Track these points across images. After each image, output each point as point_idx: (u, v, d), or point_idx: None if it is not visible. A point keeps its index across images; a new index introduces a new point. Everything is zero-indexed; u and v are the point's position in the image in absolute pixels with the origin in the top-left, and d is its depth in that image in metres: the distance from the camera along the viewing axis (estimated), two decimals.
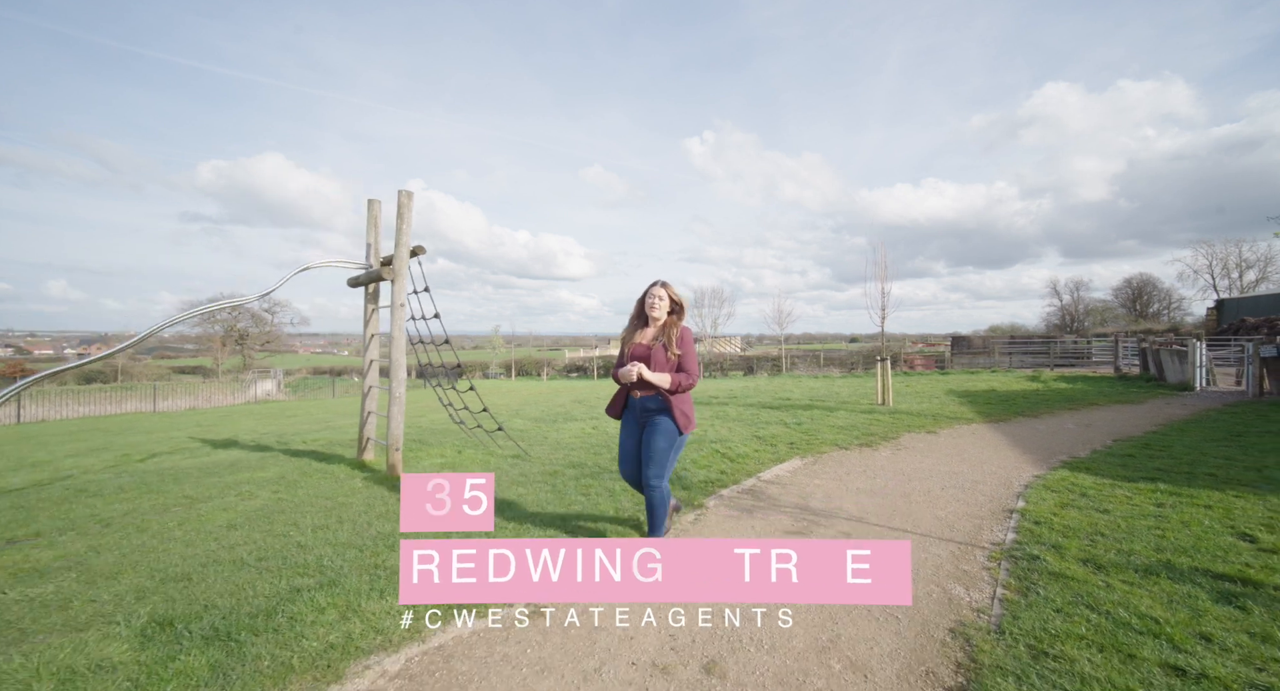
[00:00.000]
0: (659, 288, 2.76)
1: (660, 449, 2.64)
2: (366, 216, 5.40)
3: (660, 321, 2.74)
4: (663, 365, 2.65)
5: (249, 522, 3.53)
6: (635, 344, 2.73)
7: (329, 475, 4.88)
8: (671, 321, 2.74)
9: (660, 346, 2.67)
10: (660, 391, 2.66)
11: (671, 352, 2.65)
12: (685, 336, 2.72)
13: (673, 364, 2.66)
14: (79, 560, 2.92)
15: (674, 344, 2.66)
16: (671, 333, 2.68)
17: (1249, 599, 2.32)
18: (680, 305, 2.77)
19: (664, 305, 2.72)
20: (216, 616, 2.22)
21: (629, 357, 2.70)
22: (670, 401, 2.66)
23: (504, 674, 1.94)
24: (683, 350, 2.68)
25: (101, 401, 18.85)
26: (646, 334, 2.76)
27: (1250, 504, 3.61)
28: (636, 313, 2.83)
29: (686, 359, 2.68)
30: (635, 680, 1.90)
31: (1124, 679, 1.79)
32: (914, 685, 1.85)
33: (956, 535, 3.25)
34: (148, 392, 21.52)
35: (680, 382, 2.66)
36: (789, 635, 2.17)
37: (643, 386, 2.66)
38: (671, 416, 2.66)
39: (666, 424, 2.65)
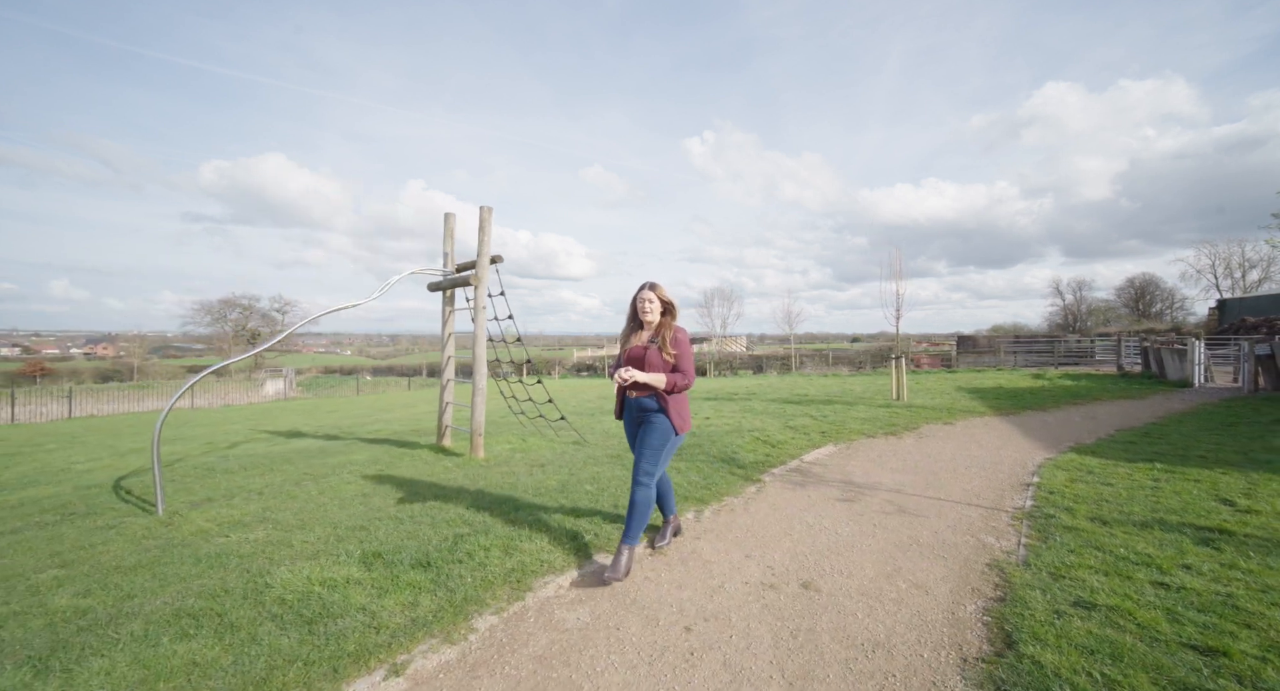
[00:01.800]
0: (648, 290, 2.77)
1: (653, 446, 2.66)
2: (443, 229, 6.03)
3: (654, 323, 2.77)
4: (658, 366, 2.68)
5: (378, 492, 4.15)
6: (632, 346, 2.77)
7: (417, 458, 5.50)
8: (665, 322, 2.76)
9: (655, 348, 2.70)
10: (656, 392, 2.69)
11: (666, 353, 2.68)
12: (680, 337, 2.74)
13: (668, 365, 2.69)
14: (263, 518, 3.55)
15: (668, 345, 2.69)
16: (665, 334, 2.71)
17: (1224, 542, 2.92)
18: (671, 306, 2.78)
19: (655, 307, 2.75)
20: (412, 550, 2.84)
21: (625, 360, 2.74)
22: (666, 401, 2.68)
23: (653, 586, 2.55)
24: (678, 351, 2.69)
25: (124, 399, 19.36)
26: (642, 336, 2.78)
27: (1233, 478, 4.21)
28: (631, 315, 2.85)
29: (682, 360, 2.69)
30: (751, 593, 2.51)
31: (1122, 589, 2.40)
32: (964, 597, 2.46)
33: (983, 502, 3.86)
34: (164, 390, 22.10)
35: (675, 383, 2.67)
36: (861, 565, 2.78)
37: (639, 387, 2.70)
38: (667, 416, 2.68)
39: (662, 423, 2.68)
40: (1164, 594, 2.36)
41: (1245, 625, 2.09)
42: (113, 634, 2.10)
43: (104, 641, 2.04)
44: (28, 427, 12.41)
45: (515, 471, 4.75)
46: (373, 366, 59.89)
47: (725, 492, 4.04)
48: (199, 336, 52.76)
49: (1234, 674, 1.80)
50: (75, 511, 3.86)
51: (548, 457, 5.31)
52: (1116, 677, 1.79)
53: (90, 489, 4.68)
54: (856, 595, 2.48)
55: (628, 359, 2.74)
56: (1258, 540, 2.94)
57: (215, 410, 17.38)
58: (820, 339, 75.48)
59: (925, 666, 1.94)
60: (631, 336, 2.81)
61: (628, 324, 2.87)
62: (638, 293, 2.80)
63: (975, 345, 26.19)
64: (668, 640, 2.13)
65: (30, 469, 6.11)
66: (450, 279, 5.77)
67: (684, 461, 4.94)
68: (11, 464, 6.53)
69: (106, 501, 4.15)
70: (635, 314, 2.80)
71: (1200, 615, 2.17)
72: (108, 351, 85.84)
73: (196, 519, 3.55)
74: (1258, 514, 3.36)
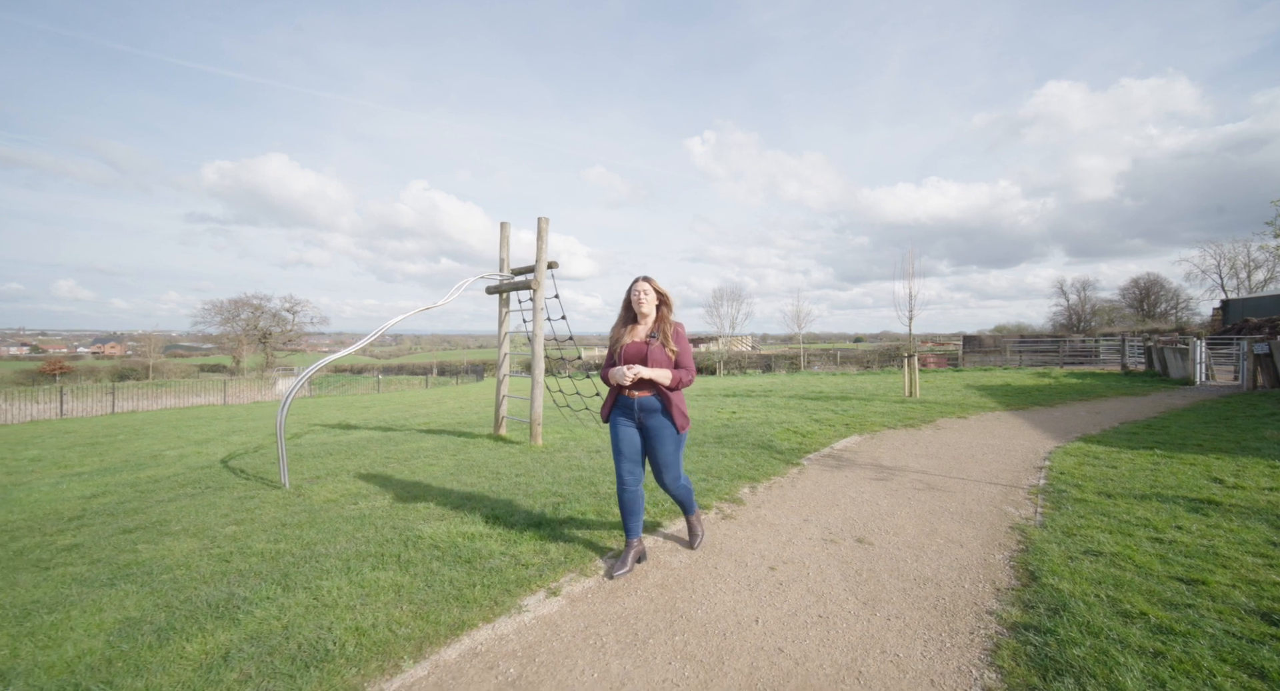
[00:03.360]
0: (643, 282, 2.67)
1: (669, 453, 2.63)
2: (499, 237, 6.57)
3: (650, 317, 2.67)
4: (661, 362, 2.58)
5: (464, 472, 4.68)
6: (628, 342, 2.64)
7: (479, 446, 6.04)
8: (663, 316, 2.67)
9: (658, 344, 2.59)
10: (660, 389, 2.59)
11: (670, 349, 2.58)
12: (680, 332, 2.67)
13: (670, 360, 2.59)
14: (378, 490, 4.09)
15: (670, 340, 2.59)
16: (665, 328, 2.62)
17: (1212, 510, 3.43)
18: (667, 298, 2.69)
19: (651, 299, 2.65)
20: (523, 514, 3.38)
21: (622, 357, 2.62)
22: (670, 400, 2.59)
23: (732, 541, 3.08)
24: (680, 346, 2.62)
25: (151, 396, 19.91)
26: (638, 331, 2.67)
27: (1225, 462, 4.72)
28: (625, 310, 2.73)
29: (684, 355, 2.61)
30: (816, 546, 3.03)
31: (1124, 542, 2.91)
32: (993, 549, 2.97)
33: (1001, 480, 4.38)
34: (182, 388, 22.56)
35: (680, 379, 2.59)
36: (903, 527, 3.30)
37: (640, 385, 2.59)
38: (671, 417, 2.60)
39: (668, 428, 2.60)
40: (1158, 545, 2.88)
41: (1222, 565, 2.60)
42: (321, 566, 2.64)
43: (318, 571, 2.59)
44: (79, 421, 13.02)
45: (576, 456, 5.28)
46: (383, 366, 60.70)
47: (771, 473, 4.57)
48: (209, 336, 53.54)
49: (1210, 595, 2.31)
50: (209, 486, 4.42)
51: (600, 445, 5.84)
52: (1118, 598, 2.31)
53: (200, 470, 5.24)
54: (903, 547, 3.00)
55: (626, 355, 2.61)
56: (1241, 509, 3.45)
57: (248, 406, 17.97)
58: (823, 339, 75.57)
59: (967, 593, 2.46)
60: (626, 332, 2.68)
61: (620, 319, 2.75)
62: (632, 285, 2.71)
63: (981, 345, 26.66)
64: (758, 575, 2.66)
65: (128, 454, 6.68)
66: (509, 282, 6.31)
67: (727, 448, 5.48)
68: (106, 451, 7.10)
69: (226, 479, 4.71)
70: (629, 307, 2.69)
71: (1187, 559, 2.69)
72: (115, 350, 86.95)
73: (320, 491, 4.11)
74: (1243, 489, 3.87)
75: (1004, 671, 1.86)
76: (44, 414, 14.49)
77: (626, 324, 2.71)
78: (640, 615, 2.29)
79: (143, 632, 2.08)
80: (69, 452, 7.03)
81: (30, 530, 3.47)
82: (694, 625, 2.21)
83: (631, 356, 2.61)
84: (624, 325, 2.72)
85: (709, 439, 6.00)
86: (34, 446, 7.77)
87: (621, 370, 2.53)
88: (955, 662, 1.94)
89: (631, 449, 2.67)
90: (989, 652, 1.98)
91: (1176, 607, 2.22)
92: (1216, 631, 2.02)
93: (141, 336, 61.23)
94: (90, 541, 3.15)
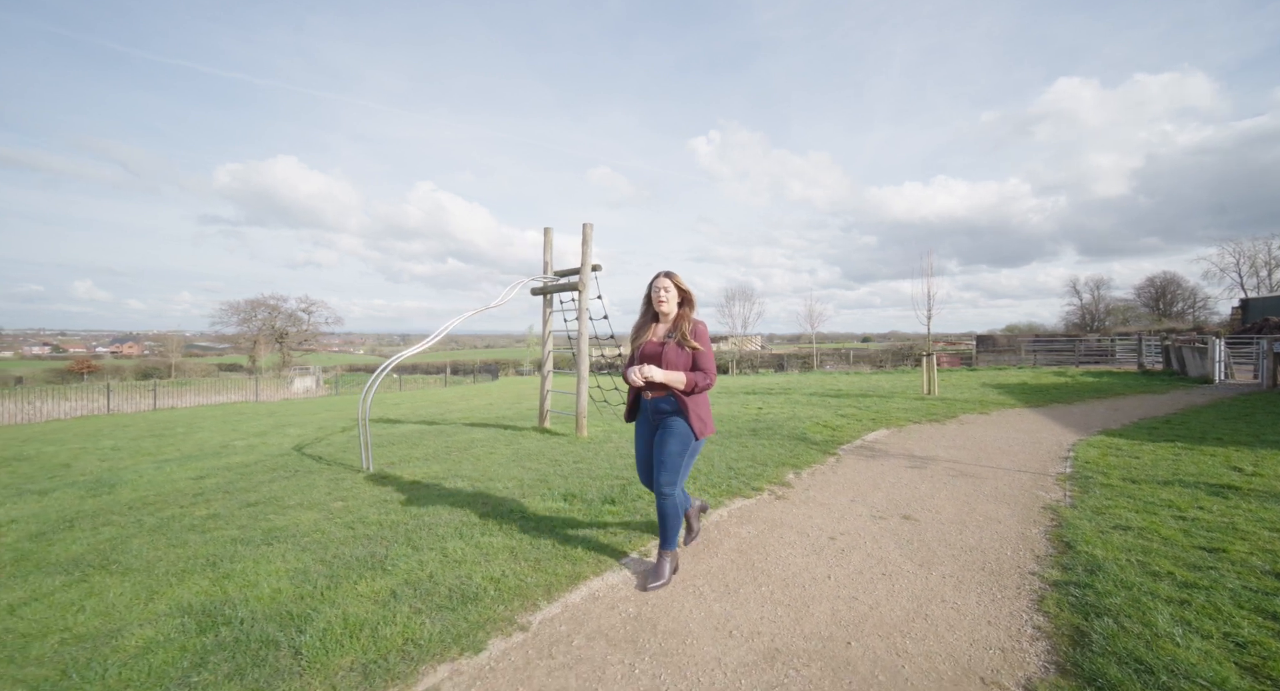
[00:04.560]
0: (664, 278, 2.55)
1: (673, 453, 2.44)
2: (543, 241, 6.95)
3: (670, 315, 2.54)
4: (677, 363, 2.45)
5: (523, 459, 5.06)
6: (646, 341, 2.53)
7: (528, 437, 6.42)
8: (684, 315, 2.53)
9: (674, 344, 2.47)
10: (674, 392, 2.45)
11: (689, 345, 2.46)
12: (700, 332, 2.51)
13: (688, 362, 2.46)
14: (452, 474, 4.47)
15: (689, 339, 2.46)
16: (684, 327, 2.49)
17: (1231, 493, 3.71)
18: (689, 296, 2.56)
19: (672, 296, 2.52)
20: (595, 493, 3.74)
21: (640, 357, 2.52)
22: (685, 403, 2.45)
23: (791, 517, 3.42)
24: (701, 346, 2.48)
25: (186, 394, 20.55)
26: (658, 330, 2.55)
27: (1244, 453, 4.97)
28: (645, 308, 2.62)
29: (703, 356, 2.47)
30: (867, 521, 3.36)
31: (1150, 519, 3.21)
32: (1029, 525, 3.28)
33: (1030, 469, 4.67)
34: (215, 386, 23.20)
35: (696, 382, 2.44)
36: (943, 507, 3.62)
37: (655, 387, 2.48)
38: (686, 419, 2.45)
39: (680, 427, 2.45)
40: (1182, 522, 3.17)
41: (1241, 538, 2.90)
42: (437, 533, 3.02)
43: (436, 536, 2.97)
44: (127, 417, 13.63)
45: (621, 446, 5.64)
46: (396, 365, 61.51)
47: (811, 461, 4.89)
48: (226, 336, 54.71)
49: (1229, 560, 2.62)
50: (296, 470, 4.84)
51: None
52: (1147, 561, 2.62)
53: (276, 457, 5.67)
54: (946, 523, 3.33)
55: (642, 355, 2.52)
56: (1259, 493, 3.73)
57: (277, 403, 18.57)
58: (830, 339, 75.17)
59: (1009, 559, 2.78)
60: (646, 331, 2.56)
61: (641, 317, 2.65)
62: (653, 281, 2.58)
63: (995, 344, 26.69)
64: (820, 543, 3.00)
65: (196, 444, 7.15)
66: (554, 284, 6.69)
67: (764, 440, 5.80)
68: (174, 442, 7.59)
69: (308, 465, 5.13)
70: (650, 305, 2.58)
71: (1208, 533, 2.99)
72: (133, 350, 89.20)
73: (402, 474, 4.50)
74: (1262, 477, 4.14)
75: (1050, 615, 2.19)
76: (92, 410, 15.14)
77: (647, 323, 2.59)
78: (726, 571, 2.64)
79: (316, 579, 2.47)
80: (141, 443, 7.52)
81: (165, 503, 3.90)
82: (774, 579, 2.56)
83: (647, 357, 2.50)
84: (644, 324, 2.60)
85: (744, 431, 6.33)
86: (106, 438, 8.28)
87: (634, 370, 2.43)
88: (1007, 609, 2.27)
89: (642, 456, 2.60)
90: (1035, 602, 2.31)
91: (1199, 569, 2.53)
92: (1235, 586, 2.33)
93: (159, 336, 62.68)
94: (225, 512, 3.56)
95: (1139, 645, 1.91)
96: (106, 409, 15.27)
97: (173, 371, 50.50)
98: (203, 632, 2.05)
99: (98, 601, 2.33)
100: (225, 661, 1.87)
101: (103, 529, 3.34)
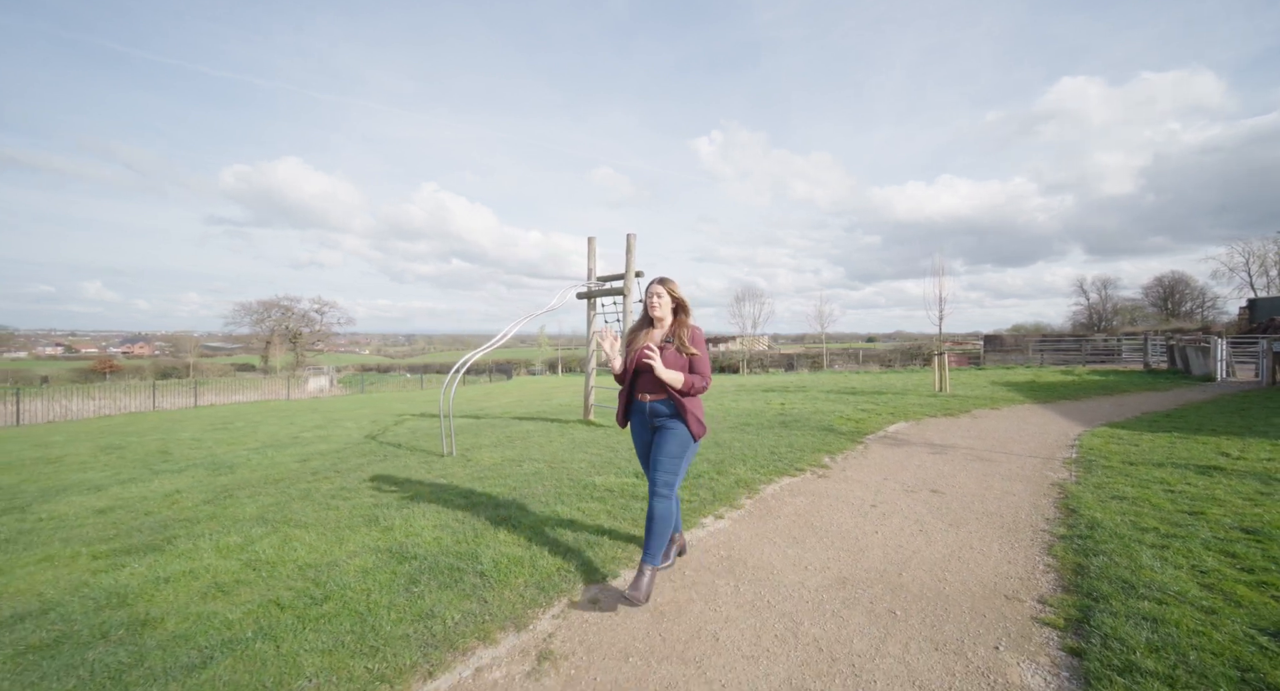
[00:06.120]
0: (658, 286, 2.60)
1: (671, 454, 2.49)
2: (587, 249, 7.57)
3: (666, 321, 2.60)
4: (673, 367, 2.50)
5: (579, 447, 5.65)
6: (643, 346, 2.54)
7: (576, 428, 7.02)
8: (680, 321, 2.60)
9: (672, 349, 2.51)
10: (671, 393, 2.50)
11: (686, 351, 2.50)
12: (697, 336, 2.57)
13: (684, 366, 2.51)
14: (523, 457, 5.08)
15: (686, 343, 2.51)
16: (681, 332, 2.54)
17: (1218, 473, 4.26)
18: (684, 304, 2.61)
19: (665, 303, 2.57)
20: None
21: (634, 362, 2.56)
22: (683, 405, 2.50)
23: (832, 490, 4.00)
24: (697, 350, 2.52)
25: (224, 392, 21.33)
26: (653, 335, 2.60)
27: (1232, 442, 5.51)
28: (643, 313, 2.68)
29: (699, 361, 2.52)
30: (900, 494, 3.94)
31: (1143, 492, 3.77)
32: (1039, 497, 3.84)
33: (1039, 455, 5.23)
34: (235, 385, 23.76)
35: (693, 384, 2.50)
36: (964, 483, 4.19)
37: (652, 389, 2.53)
38: (684, 421, 2.51)
39: (679, 429, 2.51)
40: (1171, 494, 3.73)
41: (1218, 505, 3.46)
42: (540, 499, 3.62)
43: (540, 502, 3.57)
44: (173, 413, 14.36)
45: None
46: (407, 365, 62.54)
47: (842, 448, 5.47)
48: (239, 336, 55.75)
49: (1205, 520, 3.17)
50: (384, 455, 5.46)
51: None
52: (1137, 520, 3.18)
53: (355, 445, 6.30)
54: (968, 495, 3.90)
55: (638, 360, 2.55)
56: (1241, 472, 4.28)
57: (308, 400, 19.30)
58: (835, 339, 75.54)
59: (1024, 520, 3.35)
60: (641, 335, 2.61)
61: (639, 321, 2.72)
62: (647, 288, 2.65)
63: (1002, 344, 27.13)
64: (863, 509, 3.58)
65: (268, 435, 7.80)
66: (600, 289, 7.29)
67: (794, 431, 6.38)
68: (244, 434, 8.25)
69: (390, 451, 5.76)
70: (646, 311, 2.66)
71: (1191, 501, 3.54)
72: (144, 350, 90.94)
73: (481, 458, 5.12)
74: (1246, 460, 4.68)
75: (1058, 557, 2.76)
76: (138, 407, 15.90)
77: (643, 327, 2.65)
78: (790, 529, 3.23)
79: (462, 531, 3.08)
80: (215, 435, 8.19)
81: (291, 480, 4.52)
82: (831, 535, 3.14)
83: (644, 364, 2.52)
84: (640, 328, 2.66)
85: (775, 424, 6.91)
86: (179, 431, 8.96)
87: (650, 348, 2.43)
88: (1023, 554, 2.84)
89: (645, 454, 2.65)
90: (1045, 548, 2.88)
91: (1180, 526, 3.09)
92: (1207, 537, 2.90)
93: (171, 336, 63.82)
94: (350, 485, 4.18)
95: (1125, 572, 2.48)
96: (152, 406, 16.02)
97: (190, 371, 51.53)
98: (400, 563, 2.66)
99: (300, 544, 2.95)
100: (431, 579, 2.48)
101: (259, 497, 3.96)
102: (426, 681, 1.83)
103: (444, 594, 2.34)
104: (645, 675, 1.88)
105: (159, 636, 2.06)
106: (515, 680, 1.85)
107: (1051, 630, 2.09)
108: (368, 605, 2.26)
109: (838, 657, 1.96)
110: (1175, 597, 2.24)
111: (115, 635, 2.08)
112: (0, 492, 4.43)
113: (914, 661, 1.93)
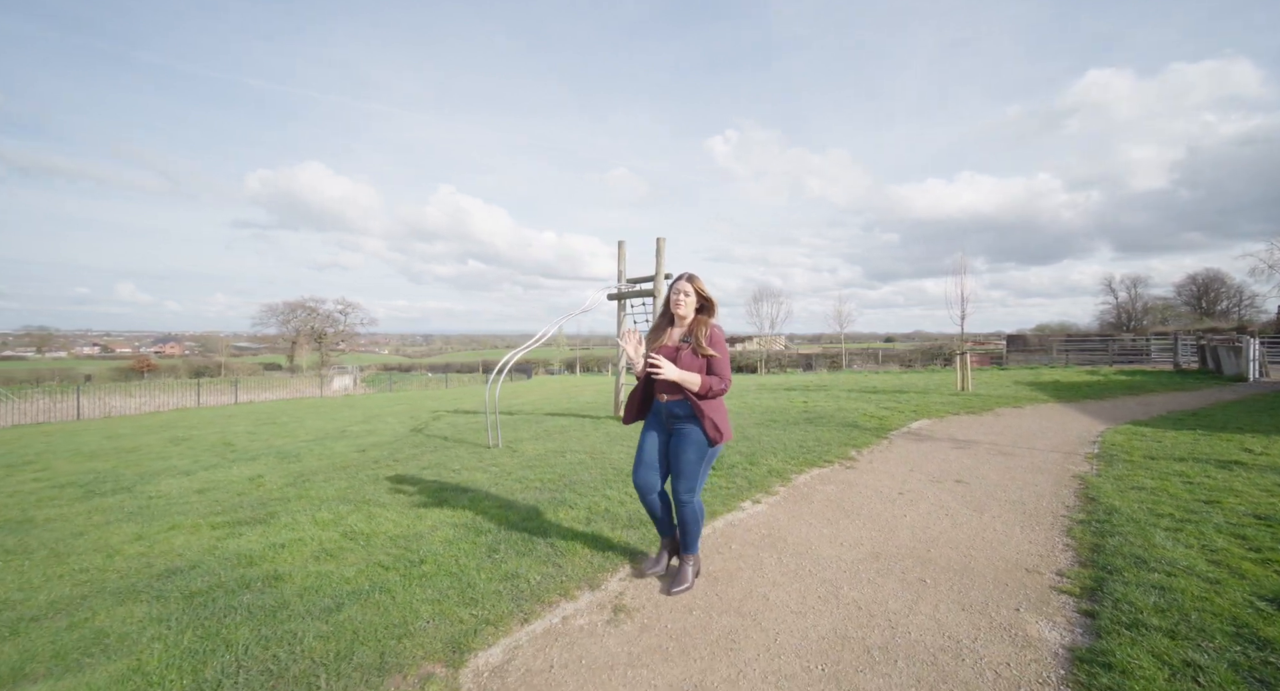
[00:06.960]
0: (684, 282, 2.51)
1: (690, 461, 2.44)
2: (617, 253, 7.90)
3: (687, 320, 2.52)
4: (690, 368, 2.42)
5: (616, 440, 5.98)
6: (660, 345, 2.50)
7: (609, 424, 7.35)
8: (700, 320, 2.50)
9: (689, 349, 2.43)
10: (688, 395, 2.42)
11: (703, 352, 2.41)
12: (716, 336, 2.47)
13: (702, 367, 2.42)
14: (566, 449, 5.42)
15: (704, 344, 2.41)
16: (700, 332, 2.44)
17: (1238, 467, 4.40)
18: (710, 302, 2.53)
19: (690, 301, 2.49)
20: None
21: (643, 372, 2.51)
22: (701, 408, 2.41)
23: (862, 480, 4.25)
24: (716, 351, 2.43)
25: (260, 389, 22.21)
26: (673, 334, 2.53)
27: (1257, 439, 5.59)
28: (663, 310, 2.60)
29: (718, 363, 2.44)
30: (926, 484, 4.17)
31: (1162, 483, 3.95)
32: (1061, 487, 4.04)
33: (1061, 450, 5.39)
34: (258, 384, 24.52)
35: (711, 386, 2.41)
36: (988, 475, 4.41)
37: (669, 389, 2.47)
38: (701, 426, 2.42)
39: (696, 434, 2.43)
40: (1189, 485, 3.91)
41: (1235, 495, 3.63)
42: (589, 484, 3.96)
43: (590, 487, 3.90)
44: (217, 409, 15.14)
45: None
46: (428, 364, 63.91)
47: (868, 442, 5.70)
48: (266, 336, 57.60)
49: (1221, 508, 3.36)
50: (434, 447, 5.87)
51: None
52: (1154, 508, 3.38)
53: (403, 438, 6.73)
54: (992, 485, 4.12)
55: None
56: (1262, 467, 4.41)
57: (340, 398, 20.04)
58: (853, 339, 74.86)
59: (1045, 507, 3.57)
60: (661, 334, 2.55)
61: (659, 319, 2.65)
62: (673, 283, 2.55)
63: (1026, 344, 26.73)
64: (891, 496, 3.83)
65: (316, 429, 8.31)
66: (629, 291, 7.62)
67: (820, 427, 6.62)
68: (292, 428, 8.78)
69: (439, 443, 6.16)
70: (667, 308, 2.56)
71: (1209, 492, 3.72)
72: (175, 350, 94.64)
73: (524, 450, 5.48)
74: (1269, 456, 4.80)
75: (1076, 537, 2.99)
76: (183, 403, 16.76)
77: (664, 326, 2.59)
78: (824, 511, 3.51)
79: (525, 510, 3.43)
80: (267, 428, 8.73)
81: (354, 468, 4.93)
82: (862, 517, 3.41)
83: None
84: (661, 328, 2.60)
85: (800, 420, 7.16)
86: (231, 425, 9.56)
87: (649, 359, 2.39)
88: (1044, 535, 3.07)
89: (650, 455, 2.56)
90: (1065, 531, 3.11)
91: (1195, 512, 3.28)
92: (1220, 522, 3.09)
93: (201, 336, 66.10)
94: (410, 473, 4.58)
95: (1138, 549, 2.71)
96: (196, 403, 16.87)
97: (222, 370, 53.44)
98: (478, 535, 3.01)
99: (385, 519, 3.33)
100: (508, 548, 2.82)
101: (334, 481, 4.38)
102: (524, 625, 2.16)
103: (522, 560, 2.68)
104: (708, 624, 2.19)
105: (292, 588, 2.43)
106: (598, 625, 2.18)
107: (1068, 596, 2.34)
108: (459, 567, 2.61)
109: (875, 614, 2.24)
110: (1184, 571, 2.47)
111: (256, 586, 2.46)
112: (104, 476, 4.92)
113: (943, 618, 2.20)
